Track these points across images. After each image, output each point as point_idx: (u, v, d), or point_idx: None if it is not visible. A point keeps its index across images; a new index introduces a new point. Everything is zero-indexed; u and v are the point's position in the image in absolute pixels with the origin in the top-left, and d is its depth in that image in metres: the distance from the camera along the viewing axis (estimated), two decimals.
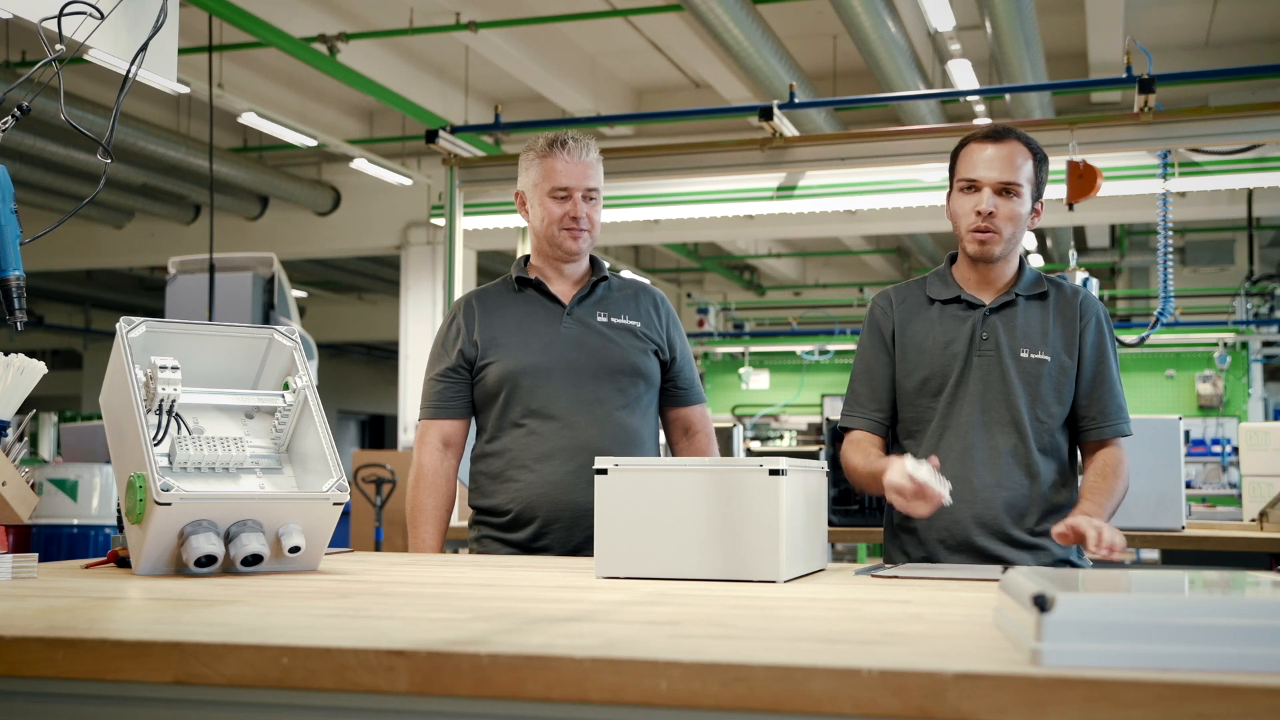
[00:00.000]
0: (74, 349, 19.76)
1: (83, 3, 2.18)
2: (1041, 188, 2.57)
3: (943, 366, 2.56)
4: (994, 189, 2.49)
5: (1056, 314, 2.56)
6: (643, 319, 2.88)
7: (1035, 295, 2.58)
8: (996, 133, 2.55)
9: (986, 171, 2.50)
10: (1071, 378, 2.55)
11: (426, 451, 2.85)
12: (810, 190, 5.78)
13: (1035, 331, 2.54)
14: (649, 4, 8.56)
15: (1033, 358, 2.53)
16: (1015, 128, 2.61)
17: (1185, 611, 1.04)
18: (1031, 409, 2.52)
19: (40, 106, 2.75)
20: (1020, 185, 2.50)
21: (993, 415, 2.52)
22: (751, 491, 1.95)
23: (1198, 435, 11.38)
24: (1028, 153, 2.52)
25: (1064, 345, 2.54)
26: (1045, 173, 2.58)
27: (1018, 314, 2.56)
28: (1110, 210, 10.12)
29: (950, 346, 2.56)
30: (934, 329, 2.59)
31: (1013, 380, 2.52)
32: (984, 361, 2.54)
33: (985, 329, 2.55)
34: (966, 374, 2.54)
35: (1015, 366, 2.52)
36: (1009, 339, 2.54)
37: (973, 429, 2.52)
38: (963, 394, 2.54)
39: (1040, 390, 2.52)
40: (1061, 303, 2.57)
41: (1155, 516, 4.20)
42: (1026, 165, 2.51)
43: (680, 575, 1.96)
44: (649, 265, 16.43)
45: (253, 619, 1.38)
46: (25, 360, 2.03)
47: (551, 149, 2.80)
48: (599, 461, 2.05)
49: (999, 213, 2.49)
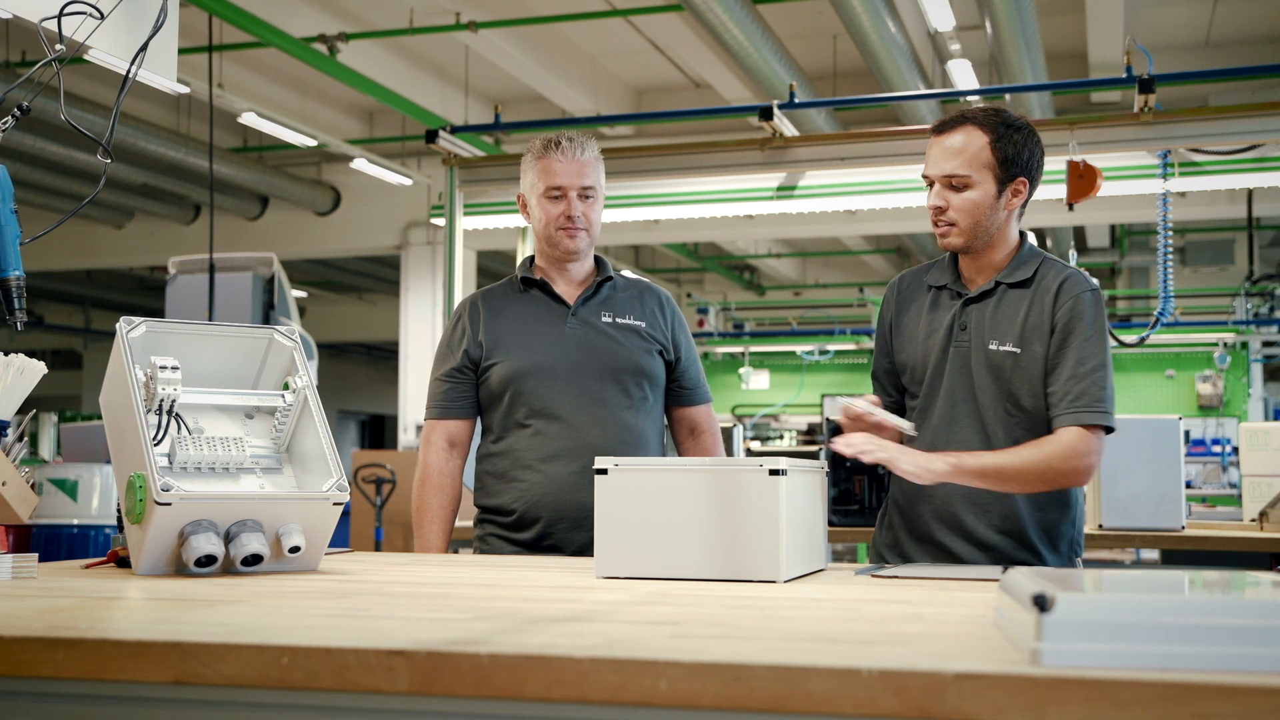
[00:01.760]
0: (74, 349, 19.76)
1: (83, 2, 2.18)
2: (1015, 164, 2.40)
3: (923, 356, 2.51)
4: (942, 183, 2.42)
5: (1035, 301, 2.43)
6: (648, 319, 2.88)
7: (1019, 283, 2.45)
8: (945, 123, 2.44)
9: (934, 166, 2.43)
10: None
11: (432, 452, 2.85)
12: (810, 190, 5.78)
13: (1010, 322, 2.43)
14: (649, 4, 8.56)
15: (1002, 350, 2.42)
16: (982, 109, 2.46)
17: (1185, 611, 1.04)
18: (998, 404, 2.42)
19: (40, 106, 2.75)
20: (968, 175, 2.38)
21: (960, 409, 2.46)
22: (751, 491, 1.95)
23: (1198, 435, 11.38)
24: (983, 134, 2.39)
25: (1038, 335, 2.41)
26: (1017, 146, 2.40)
27: (998, 303, 2.46)
28: (1110, 210, 10.12)
29: (932, 336, 2.51)
30: (922, 317, 2.54)
31: (977, 373, 2.44)
32: (959, 353, 2.47)
33: (964, 319, 2.48)
34: (943, 365, 2.48)
35: (983, 359, 2.43)
36: (982, 330, 2.45)
37: (943, 421, 2.47)
38: (938, 385, 2.48)
39: (1010, 384, 2.41)
40: (1042, 289, 2.43)
41: (1155, 516, 4.20)
42: (980, 150, 2.39)
43: (680, 575, 1.96)
44: (649, 265, 16.43)
45: (253, 619, 1.38)
46: (25, 360, 2.03)
47: (547, 150, 2.81)
48: (599, 461, 2.05)
49: (950, 205, 2.41)
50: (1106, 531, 4.25)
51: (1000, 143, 2.40)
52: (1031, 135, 2.45)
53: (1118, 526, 4.23)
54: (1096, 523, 4.27)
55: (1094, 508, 4.30)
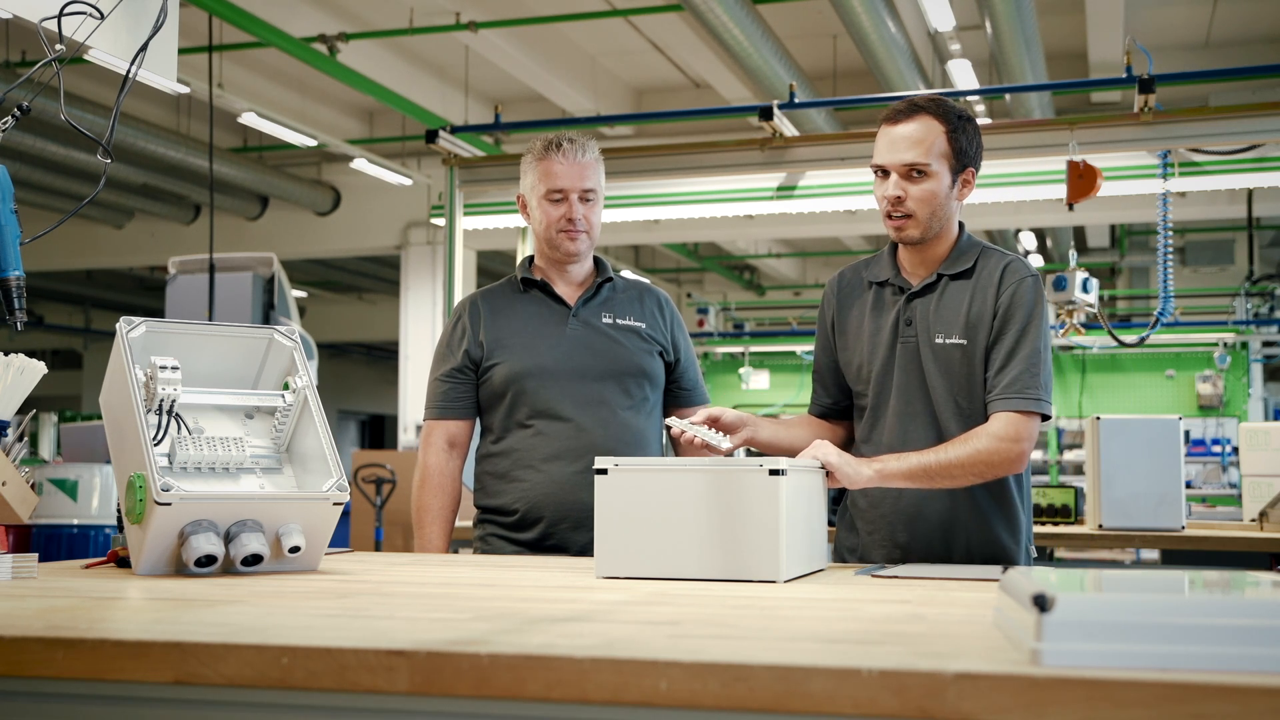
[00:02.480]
0: (74, 349, 19.77)
1: (83, 2, 2.18)
2: (966, 155, 2.39)
3: (870, 354, 2.48)
4: (900, 173, 2.37)
5: (977, 292, 2.39)
6: (647, 320, 2.88)
7: (960, 274, 2.42)
8: (899, 111, 2.40)
9: (890, 155, 2.38)
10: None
11: (432, 452, 2.85)
12: (810, 190, 5.78)
13: (954, 314, 2.39)
14: (649, 4, 8.56)
15: (949, 343, 2.38)
16: (930, 98, 2.43)
17: (1185, 611, 1.04)
18: (950, 398, 2.39)
19: (40, 106, 2.75)
20: (928, 164, 2.35)
21: (913, 406, 2.41)
22: (752, 492, 1.95)
23: (1198, 435, 11.38)
24: (939, 124, 2.37)
25: (982, 325, 2.37)
26: (968, 136, 2.39)
27: (940, 296, 2.42)
28: (1110, 210, 10.12)
29: (878, 334, 2.47)
30: (865, 315, 2.50)
31: (927, 368, 2.40)
32: (906, 349, 2.42)
33: (908, 314, 2.44)
34: (891, 362, 2.44)
35: (931, 354, 2.40)
36: (927, 324, 2.41)
37: (898, 418, 2.44)
38: (888, 383, 2.45)
39: (959, 377, 2.38)
40: (984, 278, 2.40)
41: (1155, 516, 4.20)
42: (938, 140, 2.36)
43: (680, 575, 1.96)
44: (649, 265, 16.43)
45: (253, 619, 1.38)
46: (25, 360, 2.03)
47: (547, 151, 2.81)
48: (598, 461, 2.05)
49: (908, 196, 2.37)
50: (1106, 531, 4.25)
51: (954, 133, 2.38)
52: (976, 126, 2.43)
53: (1118, 526, 4.23)
54: (1096, 523, 4.27)
55: (1094, 508, 4.31)
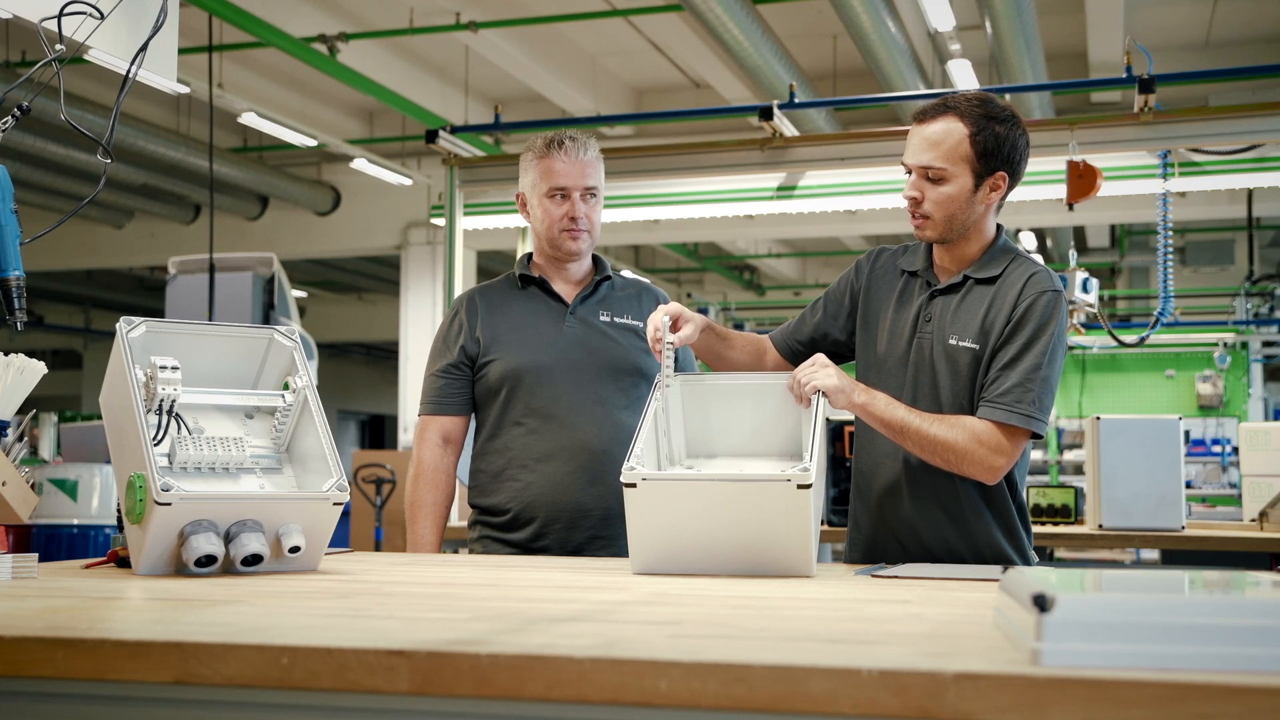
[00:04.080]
0: (74, 349, 19.76)
1: (83, 2, 2.18)
2: (994, 158, 2.33)
3: (890, 343, 2.47)
4: (919, 174, 2.36)
5: (997, 298, 2.36)
6: (645, 319, 2.87)
7: (986, 279, 2.39)
8: (927, 110, 2.37)
9: (912, 155, 2.36)
10: None
11: (426, 447, 2.85)
12: (810, 190, 5.79)
13: (971, 318, 2.37)
14: (649, 4, 8.56)
15: (960, 346, 2.36)
16: (965, 97, 2.37)
17: (1185, 611, 1.04)
18: (957, 400, 2.36)
19: (40, 106, 2.75)
20: (944, 167, 2.32)
21: (922, 404, 2.39)
22: (778, 504, 1.96)
23: (1198, 435, 11.37)
24: (963, 126, 2.32)
25: (993, 331, 2.34)
26: (999, 139, 2.32)
27: (963, 298, 2.40)
28: (1110, 210, 10.12)
29: (899, 326, 2.47)
30: (891, 305, 2.50)
31: (938, 368, 2.38)
32: (921, 345, 2.41)
33: (929, 311, 2.43)
34: (906, 357, 2.44)
35: (944, 354, 2.37)
36: (944, 323, 2.39)
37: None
38: (903, 375, 2.43)
39: (968, 380, 2.35)
40: (1006, 285, 2.36)
41: (1155, 516, 4.20)
42: (959, 143, 2.31)
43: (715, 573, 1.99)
44: (649, 265, 16.42)
45: (253, 619, 1.38)
46: (25, 360, 2.03)
47: (549, 149, 2.80)
48: (625, 475, 2.03)
49: (925, 197, 2.35)
50: (1106, 531, 4.25)
51: (980, 135, 2.32)
52: (1015, 127, 2.36)
53: (1118, 526, 4.23)
54: (1096, 523, 4.27)
55: (1094, 508, 4.31)
